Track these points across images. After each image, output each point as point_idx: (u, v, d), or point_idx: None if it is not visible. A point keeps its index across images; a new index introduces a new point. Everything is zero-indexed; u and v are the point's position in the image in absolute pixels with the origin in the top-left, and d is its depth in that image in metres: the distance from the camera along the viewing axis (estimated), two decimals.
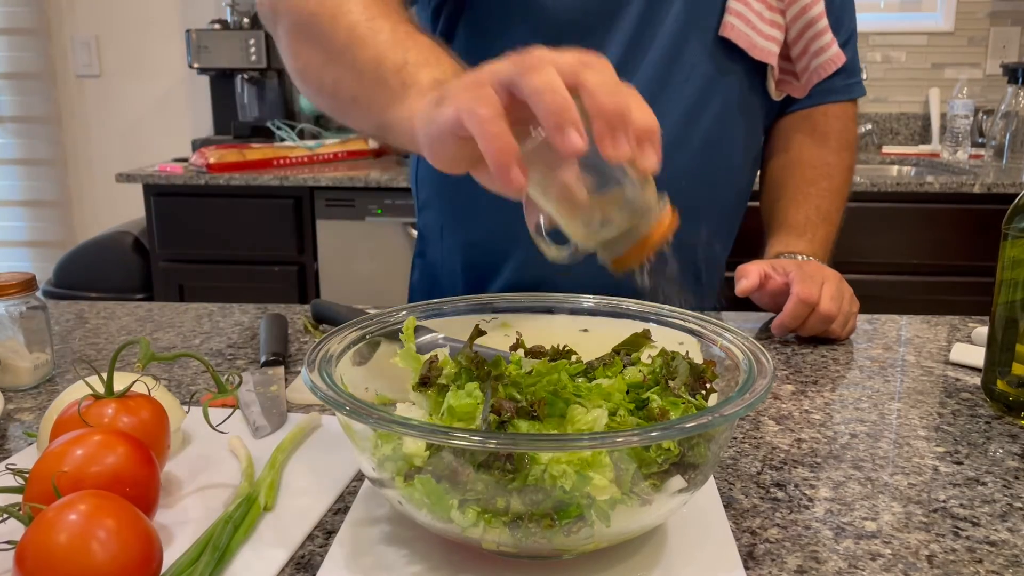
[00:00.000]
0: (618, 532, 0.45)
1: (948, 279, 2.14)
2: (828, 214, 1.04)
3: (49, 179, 3.02)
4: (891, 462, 0.60)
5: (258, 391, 0.71)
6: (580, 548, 0.45)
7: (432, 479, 0.43)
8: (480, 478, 0.43)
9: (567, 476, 0.42)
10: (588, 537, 0.44)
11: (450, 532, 0.45)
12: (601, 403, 0.48)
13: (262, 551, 0.48)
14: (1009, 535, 0.51)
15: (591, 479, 0.42)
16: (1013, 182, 2.07)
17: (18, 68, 2.95)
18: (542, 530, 0.43)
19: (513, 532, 0.43)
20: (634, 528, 0.46)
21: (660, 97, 0.93)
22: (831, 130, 1.06)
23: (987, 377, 0.70)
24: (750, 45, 0.94)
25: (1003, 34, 2.66)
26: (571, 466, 0.42)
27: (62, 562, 0.39)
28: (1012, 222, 0.67)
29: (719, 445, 0.48)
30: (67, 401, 0.57)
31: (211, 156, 2.27)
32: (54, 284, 2.42)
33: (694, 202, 0.73)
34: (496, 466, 0.43)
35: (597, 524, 0.43)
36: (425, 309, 0.62)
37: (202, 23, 2.75)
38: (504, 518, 0.43)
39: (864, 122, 2.70)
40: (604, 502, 0.43)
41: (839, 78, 1.03)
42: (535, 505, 0.43)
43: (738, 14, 0.93)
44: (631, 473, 0.44)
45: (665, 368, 0.52)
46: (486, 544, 0.44)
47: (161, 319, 0.96)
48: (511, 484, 0.43)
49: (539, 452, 0.43)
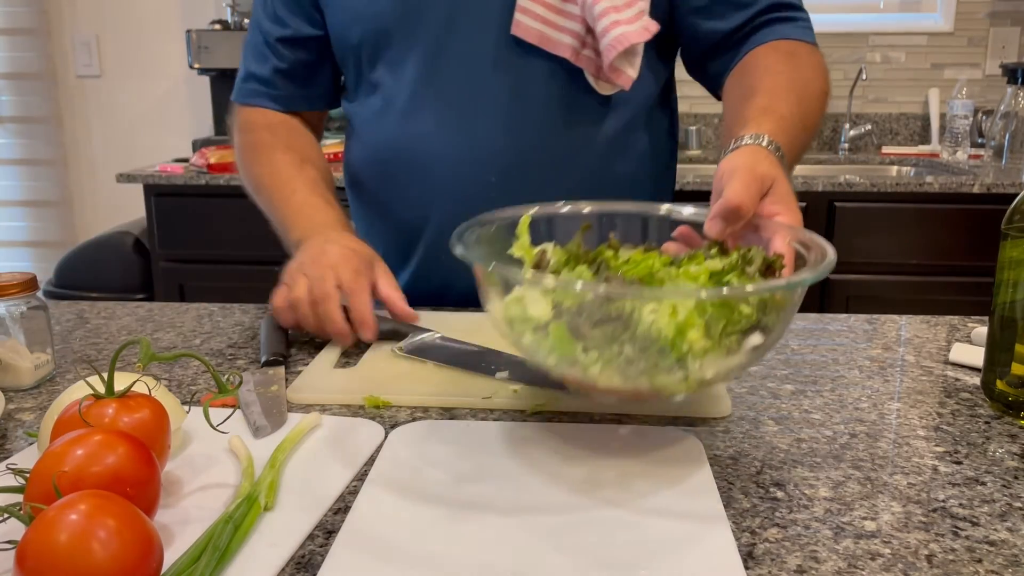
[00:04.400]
0: (704, 376, 0.54)
1: (948, 279, 2.14)
2: (773, 95, 0.85)
3: (50, 179, 3.02)
4: (891, 462, 0.60)
5: (258, 391, 0.71)
6: (674, 389, 0.55)
7: (566, 331, 0.54)
8: (596, 331, 0.53)
9: (668, 329, 0.52)
10: (684, 378, 0.54)
11: (574, 371, 0.55)
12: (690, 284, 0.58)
13: (262, 551, 0.48)
14: (1008, 535, 0.51)
15: (687, 333, 0.52)
16: (1012, 182, 2.07)
17: (19, 68, 2.95)
18: (647, 370, 0.53)
19: (626, 370, 0.53)
20: (719, 374, 0.55)
21: (481, 109, 0.95)
22: (766, 57, 0.93)
23: (987, 377, 0.70)
24: (542, 39, 0.92)
25: (1003, 34, 2.66)
26: (672, 320, 0.52)
27: (63, 562, 0.39)
28: (1011, 222, 0.67)
29: (787, 314, 0.56)
30: (68, 401, 0.57)
31: (212, 156, 2.27)
32: (55, 284, 2.42)
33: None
34: (610, 321, 0.53)
35: (691, 366, 0.53)
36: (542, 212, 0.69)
37: (203, 23, 2.75)
38: (622, 361, 0.53)
39: (864, 122, 2.70)
40: (698, 349, 0.52)
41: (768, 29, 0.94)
42: (643, 352, 0.52)
43: (526, 10, 0.91)
44: (720, 328, 0.53)
45: (742, 259, 0.60)
46: (603, 381, 0.55)
47: (162, 319, 0.96)
48: (623, 335, 0.52)
49: (650, 300, 0.53)
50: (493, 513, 0.52)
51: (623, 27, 0.88)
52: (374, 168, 1.03)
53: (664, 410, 0.68)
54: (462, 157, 0.96)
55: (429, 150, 0.97)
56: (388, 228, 1.06)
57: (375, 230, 1.08)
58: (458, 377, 0.74)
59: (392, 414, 0.68)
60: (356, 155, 1.06)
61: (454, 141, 0.96)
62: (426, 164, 0.98)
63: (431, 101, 0.96)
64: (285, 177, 1.01)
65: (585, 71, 0.94)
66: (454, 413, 0.68)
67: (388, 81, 0.99)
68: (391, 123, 0.99)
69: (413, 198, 1.00)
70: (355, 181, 1.09)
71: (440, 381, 0.73)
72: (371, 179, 1.05)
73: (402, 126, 0.98)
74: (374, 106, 1.01)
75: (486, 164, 0.96)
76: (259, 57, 1.06)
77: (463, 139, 0.96)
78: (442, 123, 0.96)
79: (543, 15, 0.92)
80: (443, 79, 0.96)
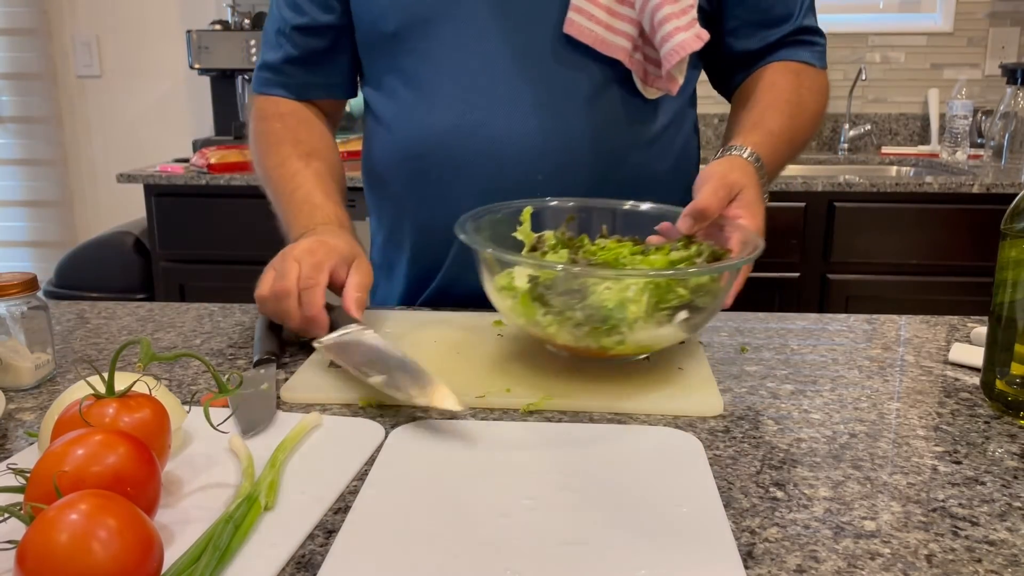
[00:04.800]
0: (638, 341, 0.70)
1: (947, 279, 2.14)
2: (767, 110, 0.95)
3: (50, 179, 3.02)
4: (890, 462, 0.60)
5: (249, 390, 0.71)
6: (615, 350, 0.71)
7: (529, 298, 0.70)
8: (558, 299, 0.69)
9: (612, 302, 0.67)
10: (620, 341, 0.69)
11: (535, 331, 0.72)
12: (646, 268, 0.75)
13: (263, 550, 0.48)
14: (1008, 534, 0.51)
15: (628, 306, 0.67)
16: (1012, 182, 2.08)
17: (19, 68, 2.95)
18: (593, 332, 0.69)
19: (574, 332, 0.70)
20: (653, 340, 0.71)
21: (530, 106, 0.93)
22: (774, 73, 1.01)
23: (986, 377, 0.70)
24: (596, 40, 0.91)
25: (1002, 35, 2.66)
26: (615, 294, 0.67)
27: (63, 562, 0.39)
28: (1011, 222, 0.67)
29: (717, 296, 0.72)
30: (68, 401, 0.57)
31: (212, 156, 2.27)
32: (55, 284, 2.42)
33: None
34: (569, 293, 0.69)
35: (627, 333, 0.68)
36: (539, 203, 0.86)
37: (203, 24, 2.75)
38: (572, 323, 0.69)
39: (863, 122, 2.70)
40: (631, 319, 0.68)
41: (787, 50, 1.01)
42: (589, 317, 0.68)
43: (581, 10, 0.90)
44: (653, 303, 0.68)
45: (696, 251, 0.76)
46: (559, 339, 0.71)
47: (162, 319, 0.96)
48: (578, 304, 0.68)
49: (597, 278, 0.69)
50: (493, 513, 0.52)
51: (682, 34, 0.89)
52: (404, 165, 0.99)
53: (664, 410, 0.68)
54: (508, 155, 0.93)
55: (472, 147, 0.94)
56: (416, 229, 1.02)
57: (401, 232, 1.04)
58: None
59: (393, 414, 0.68)
60: (382, 151, 1.02)
61: (501, 138, 0.93)
62: (468, 161, 0.94)
63: (475, 95, 0.93)
64: (291, 171, 0.99)
65: (634, 74, 0.94)
66: (454, 413, 0.68)
67: (425, 73, 0.96)
68: (427, 117, 0.95)
69: (451, 197, 0.95)
70: (378, 180, 1.05)
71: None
72: (399, 177, 1.01)
73: (441, 121, 0.95)
74: (406, 99, 0.97)
75: (534, 163, 0.93)
76: (273, 46, 1.04)
77: (511, 136, 0.93)
78: (487, 119, 0.93)
79: (598, 16, 0.91)
80: (489, 73, 0.93)
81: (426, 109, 0.96)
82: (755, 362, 0.80)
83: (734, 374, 0.77)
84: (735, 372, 0.78)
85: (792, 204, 2.13)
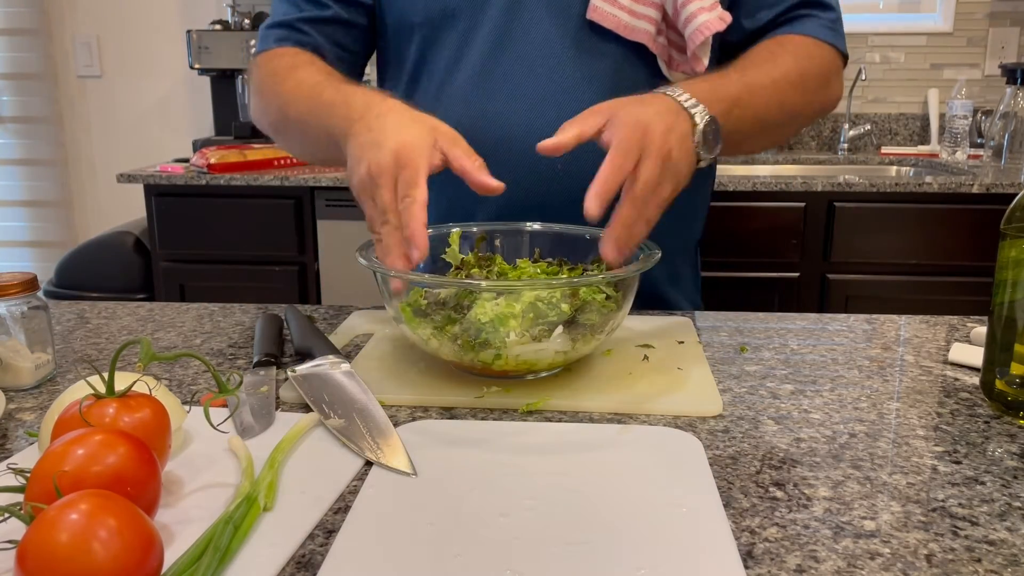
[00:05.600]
0: (516, 356, 0.69)
1: (947, 279, 2.14)
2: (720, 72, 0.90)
3: (50, 179, 3.03)
4: (890, 461, 0.60)
5: (248, 391, 0.71)
6: (496, 365, 0.70)
7: (411, 311, 0.72)
8: (440, 313, 0.71)
9: (489, 317, 0.68)
10: (497, 356, 0.69)
11: (419, 343, 0.73)
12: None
13: (263, 551, 0.48)
14: (1008, 534, 0.51)
15: (506, 321, 0.67)
16: (1012, 182, 2.08)
17: (19, 68, 2.95)
18: (466, 346, 0.69)
19: (452, 346, 0.69)
20: (532, 357, 0.70)
21: (551, 94, 0.92)
22: (786, 43, 0.98)
23: (986, 377, 0.70)
24: (619, 26, 0.91)
25: (1002, 35, 2.66)
26: (493, 312, 0.68)
27: (63, 561, 0.39)
28: (1011, 222, 0.67)
29: (606, 317, 0.71)
30: (68, 401, 0.57)
31: (212, 156, 2.27)
32: (55, 284, 2.42)
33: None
34: (452, 307, 0.71)
35: (501, 348, 0.68)
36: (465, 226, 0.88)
37: (203, 24, 2.75)
38: (449, 337, 0.69)
39: (863, 122, 2.70)
40: (510, 339, 0.68)
41: (788, 25, 0.99)
42: (466, 332, 0.68)
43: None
44: (530, 320, 0.68)
45: (597, 271, 0.79)
46: (443, 354, 0.71)
47: (162, 319, 0.96)
48: (458, 318, 0.69)
49: (474, 291, 0.70)
50: (493, 512, 0.52)
51: (706, 14, 0.89)
52: None
53: (663, 410, 0.68)
54: (528, 144, 0.89)
55: (493, 135, 0.92)
56: (435, 220, 0.98)
57: None
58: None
59: (392, 414, 0.68)
60: None
61: (522, 125, 0.92)
62: (488, 152, 0.89)
63: (497, 84, 0.93)
64: (312, 83, 0.90)
65: (659, 58, 0.93)
66: (454, 412, 0.68)
67: (448, 63, 0.95)
68: (449, 107, 0.95)
69: (468, 187, 0.93)
70: None
71: (432, 381, 0.73)
72: None
73: (463, 110, 0.94)
74: (428, 89, 0.97)
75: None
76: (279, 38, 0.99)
77: (532, 124, 0.92)
78: (509, 107, 0.93)
79: (622, 1, 0.90)
80: (510, 61, 0.93)
81: (446, 99, 0.96)
82: (755, 362, 0.80)
83: (734, 374, 0.77)
84: (735, 372, 0.78)
85: (792, 204, 2.13)
